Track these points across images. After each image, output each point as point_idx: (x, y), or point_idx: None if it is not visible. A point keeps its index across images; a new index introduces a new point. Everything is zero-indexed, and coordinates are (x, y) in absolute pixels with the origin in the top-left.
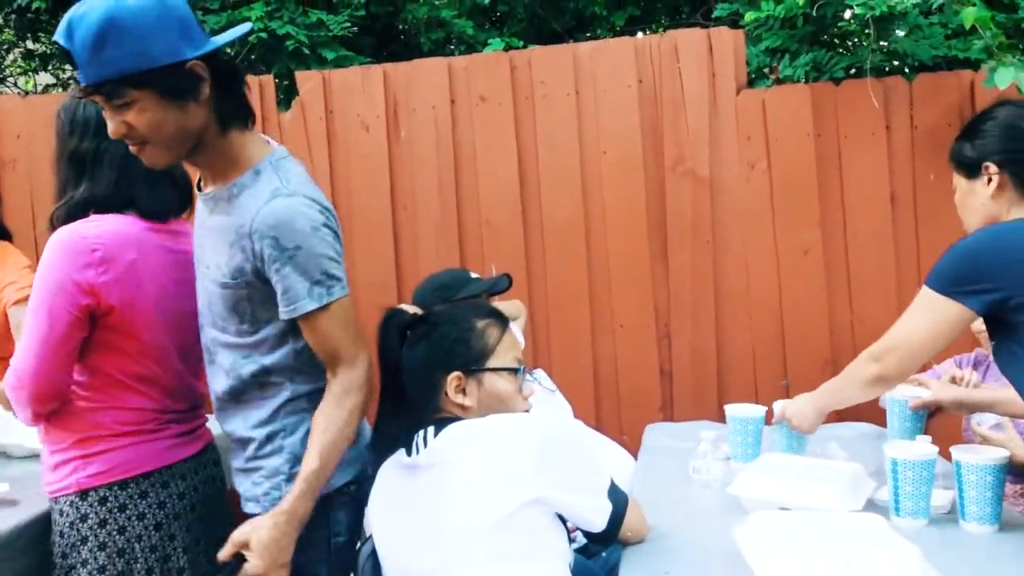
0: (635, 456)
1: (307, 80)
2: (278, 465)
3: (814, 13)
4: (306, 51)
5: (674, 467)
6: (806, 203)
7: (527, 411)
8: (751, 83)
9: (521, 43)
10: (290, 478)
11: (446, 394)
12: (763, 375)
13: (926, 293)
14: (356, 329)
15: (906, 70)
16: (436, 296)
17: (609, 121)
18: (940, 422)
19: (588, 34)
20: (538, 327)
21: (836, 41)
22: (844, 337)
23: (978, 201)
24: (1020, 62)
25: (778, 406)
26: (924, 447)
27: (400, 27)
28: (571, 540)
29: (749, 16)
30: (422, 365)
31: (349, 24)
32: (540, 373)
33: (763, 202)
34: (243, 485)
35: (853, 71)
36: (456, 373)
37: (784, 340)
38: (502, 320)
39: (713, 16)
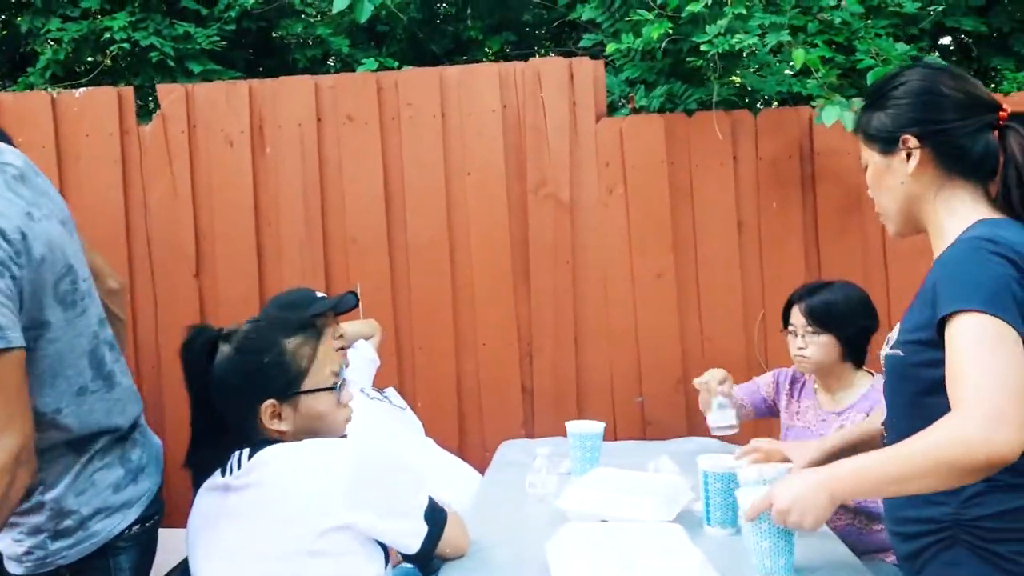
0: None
1: (169, 93)
2: (40, 522)
3: (661, 48)
4: (171, 63)
5: (517, 482)
6: (660, 228)
7: (348, 418)
8: (611, 111)
9: (397, 64)
10: (56, 534)
11: (261, 420)
12: (620, 392)
13: (991, 329)
14: (12, 397)
15: (760, 104)
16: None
17: (474, 144)
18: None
19: (465, 57)
20: (403, 344)
21: (693, 74)
22: (695, 355)
23: (896, 180)
24: (846, 101)
25: (748, 495)
26: (733, 460)
27: (276, 43)
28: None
29: (611, 47)
30: (232, 393)
31: (218, 38)
32: (391, 391)
33: (620, 226)
34: (3, 542)
35: (707, 103)
36: (269, 401)
37: (639, 358)
38: (314, 333)
39: (580, 45)
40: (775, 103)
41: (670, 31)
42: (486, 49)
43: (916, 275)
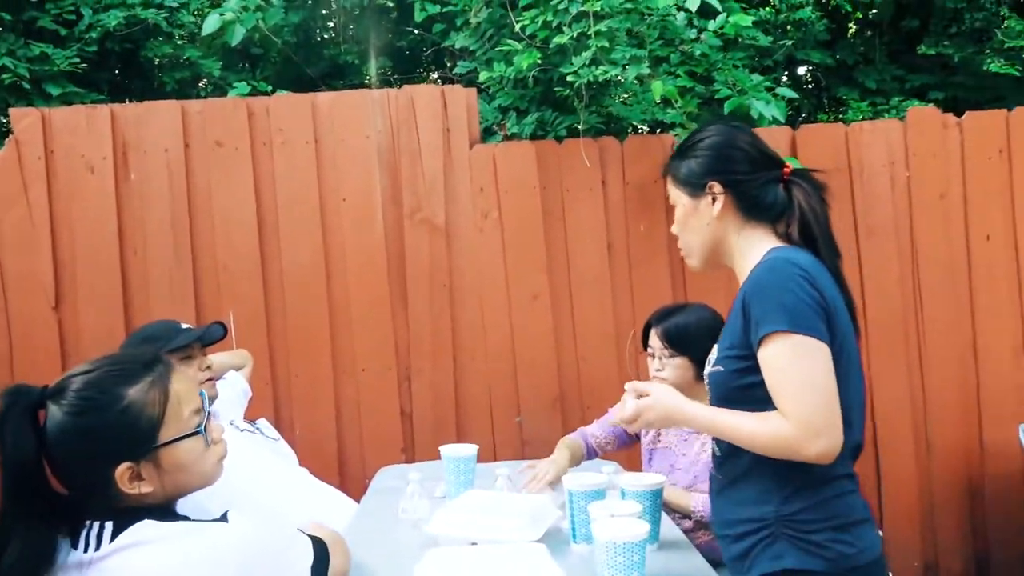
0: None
1: (23, 117)
2: None
3: (531, 76)
4: (27, 86)
5: (391, 508)
6: (534, 251)
7: (223, 456)
8: (485, 138)
9: (271, 87)
10: None
11: (118, 486)
12: (499, 413)
13: (804, 347)
14: None
15: (629, 130)
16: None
17: (348, 169)
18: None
19: (342, 81)
20: (278, 372)
21: (562, 102)
22: (571, 374)
23: (702, 221)
24: None
25: (603, 528)
26: (597, 478)
27: (142, 64)
28: None
29: (484, 75)
30: (76, 463)
31: (78, 60)
32: (263, 422)
33: (495, 250)
34: None
35: (576, 130)
36: (124, 464)
37: (517, 379)
38: (163, 373)
39: (455, 72)
40: (644, 129)
41: (539, 61)
42: (364, 73)
43: None
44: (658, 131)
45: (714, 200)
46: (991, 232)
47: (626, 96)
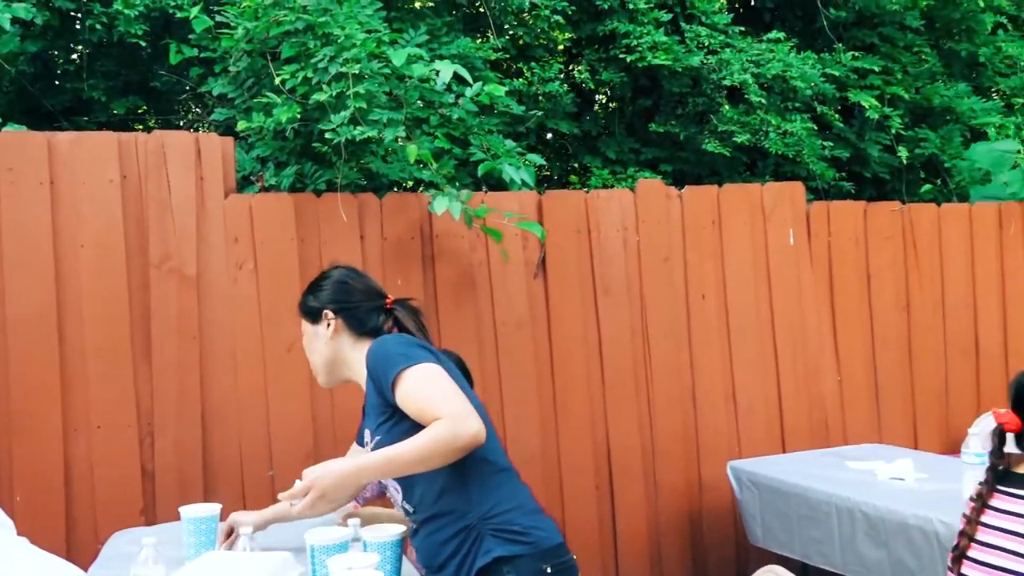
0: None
1: None
2: None
3: (290, 129)
4: None
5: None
6: (290, 303)
7: None
8: (242, 188)
9: (0, 119)
10: None
11: None
12: (250, 468)
13: (423, 369)
14: None
15: (394, 188)
16: None
17: (89, 214)
18: None
19: (86, 118)
20: None
21: (322, 156)
22: (326, 428)
23: (321, 342)
24: (455, 192)
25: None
26: (341, 531)
27: None
28: None
29: (242, 124)
30: None
31: None
32: None
33: (250, 301)
34: None
35: (336, 184)
36: None
37: (270, 433)
38: None
39: (212, 119)
40: (408, 183)
41: (299, 115)
42: (111, 110)
43: (520, 341)
44: (420, 188)
45: (329, 324)
46: (706, 292)
47: (386, 153)
